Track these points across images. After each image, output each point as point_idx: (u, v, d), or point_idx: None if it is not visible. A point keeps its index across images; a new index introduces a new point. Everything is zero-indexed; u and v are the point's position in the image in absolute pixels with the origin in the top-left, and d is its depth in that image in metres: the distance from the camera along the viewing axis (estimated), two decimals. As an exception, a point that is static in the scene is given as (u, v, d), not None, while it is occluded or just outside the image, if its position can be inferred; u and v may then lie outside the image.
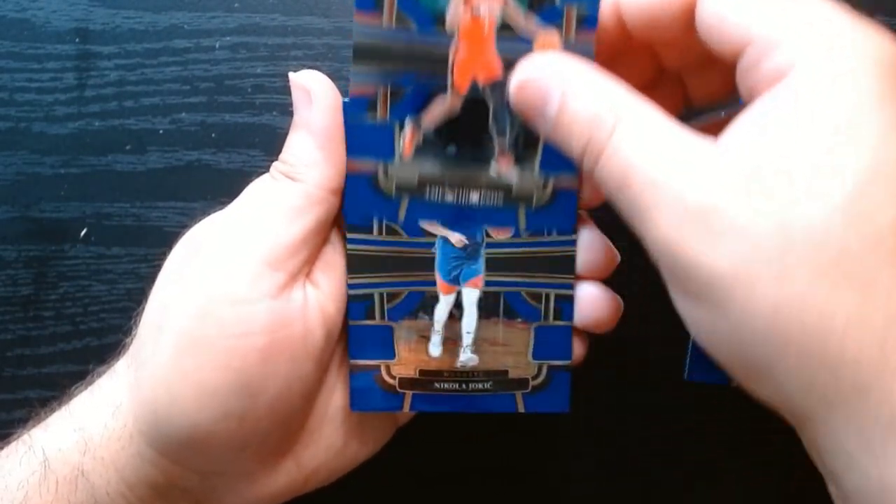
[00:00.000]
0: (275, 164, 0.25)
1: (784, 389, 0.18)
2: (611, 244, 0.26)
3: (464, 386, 0.26)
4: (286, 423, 0.25)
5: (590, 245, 0.26)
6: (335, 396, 0.27)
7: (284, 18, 0.33)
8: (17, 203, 0.33)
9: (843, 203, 0.17)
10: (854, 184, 0.17)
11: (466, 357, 0.26)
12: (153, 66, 0.33)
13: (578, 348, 0.27)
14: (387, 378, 0.26)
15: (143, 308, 0.25)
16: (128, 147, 0.33)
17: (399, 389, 0.26)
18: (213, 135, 0.33)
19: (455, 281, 0.26)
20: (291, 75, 0.25)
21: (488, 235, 0.26)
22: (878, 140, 0.17)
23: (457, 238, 0.26)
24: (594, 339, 0.28)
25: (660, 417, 0.33)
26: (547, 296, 0.26)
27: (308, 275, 0.25)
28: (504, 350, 0.26)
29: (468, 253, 0.26)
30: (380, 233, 0.25)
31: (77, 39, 0.33)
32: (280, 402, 0.24)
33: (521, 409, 0.27)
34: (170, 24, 0.33)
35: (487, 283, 0.26)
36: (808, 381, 0.17)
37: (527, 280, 0.26)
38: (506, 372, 0.26)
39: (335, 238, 0.26)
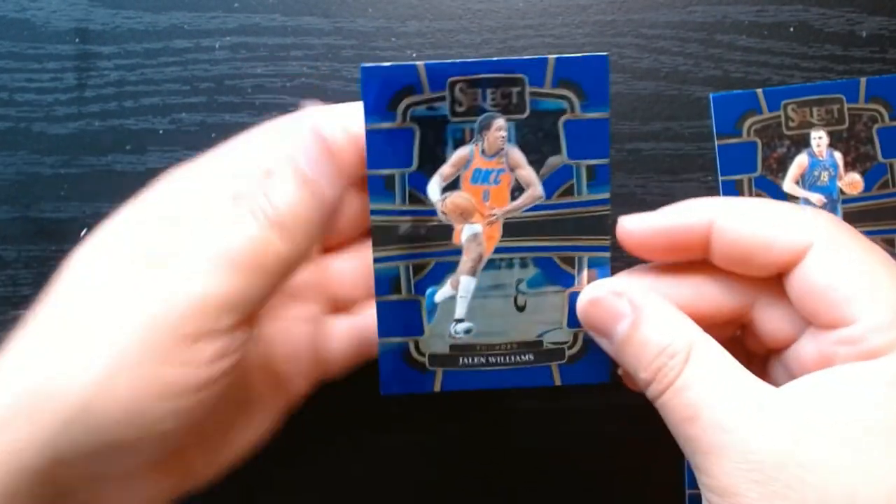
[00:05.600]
0: (260, 202, 0.22)
1: None
2: None
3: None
4: (206, 440, 0.24)
5: None
6: None
7: (284, 18, 0.33)
8: (18, 203, 0.33)
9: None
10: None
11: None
12: (153, 67, 0.33)
13: None
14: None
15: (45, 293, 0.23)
16: (128, 147, 0.33)
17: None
18: (212, 135, 0.33)
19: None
20: (315, 126, 0.23)
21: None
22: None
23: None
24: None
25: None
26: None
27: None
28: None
29: None
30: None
31: (77, 39, 0.33)
32: (206, 425, 0.23)
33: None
34: (170, 24, 0.33)
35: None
36: None
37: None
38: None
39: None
